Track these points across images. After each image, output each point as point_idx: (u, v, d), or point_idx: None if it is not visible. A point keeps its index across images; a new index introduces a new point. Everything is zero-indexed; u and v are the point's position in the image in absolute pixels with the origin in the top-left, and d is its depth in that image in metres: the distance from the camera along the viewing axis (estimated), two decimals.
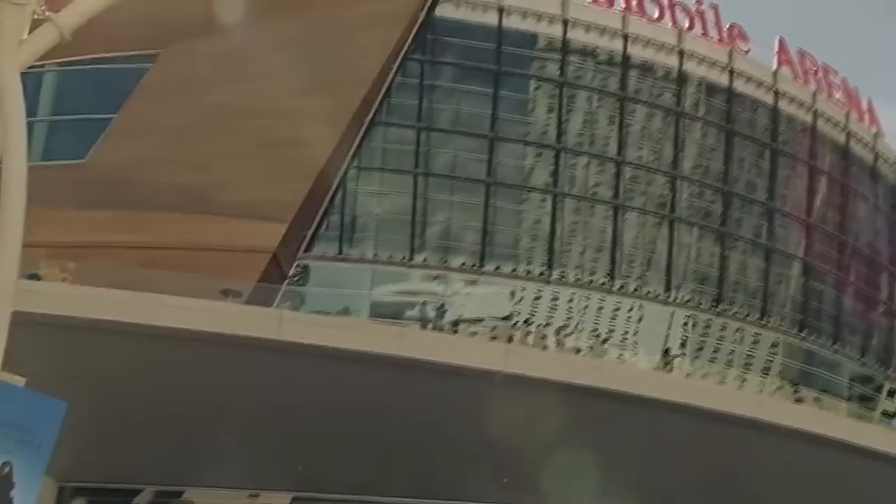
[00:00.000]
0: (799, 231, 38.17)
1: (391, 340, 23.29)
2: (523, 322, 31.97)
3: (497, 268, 32.96)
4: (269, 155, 29.13)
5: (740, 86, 36.93)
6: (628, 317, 33.46)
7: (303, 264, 31.55)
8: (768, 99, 37.71)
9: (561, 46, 34.59)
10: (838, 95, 39.72)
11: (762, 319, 35.81)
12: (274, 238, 29.33)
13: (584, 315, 32.97)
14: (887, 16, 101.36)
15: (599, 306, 33.28)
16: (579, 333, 32.23)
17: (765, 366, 35.57)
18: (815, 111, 38.73)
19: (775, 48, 38.21)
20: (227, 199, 28.08)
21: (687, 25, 36.37)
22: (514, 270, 33.08)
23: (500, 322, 30.93)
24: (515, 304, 32.51)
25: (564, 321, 32.58)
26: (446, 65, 34.25)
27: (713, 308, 34.92)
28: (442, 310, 31.22)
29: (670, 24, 36.19)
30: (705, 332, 34.75)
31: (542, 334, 30.21)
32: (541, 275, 33.18)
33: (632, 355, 31.59)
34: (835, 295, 38.50)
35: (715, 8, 37.24)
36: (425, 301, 31.61)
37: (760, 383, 34.78)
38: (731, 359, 34.91)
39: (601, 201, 34.43)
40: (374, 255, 32.46)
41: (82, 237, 26.68)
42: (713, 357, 34.56)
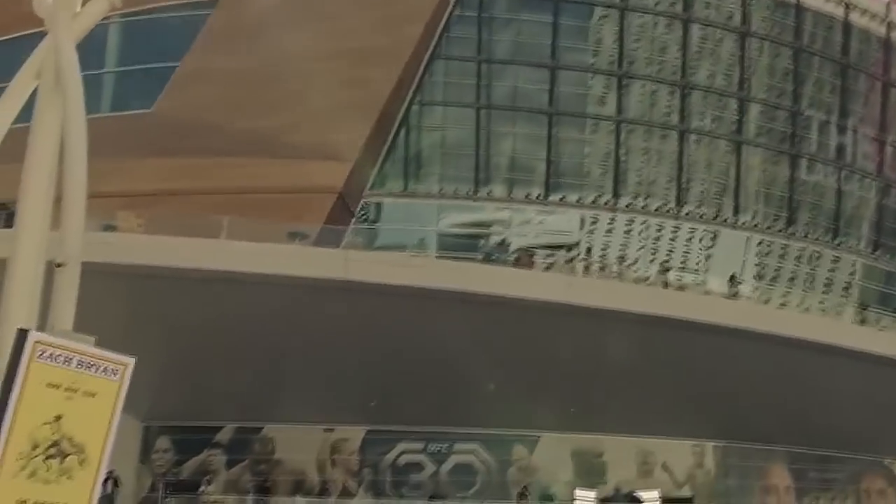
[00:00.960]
0: (873, 149, 37.28)
1: (455, 276, 23.60)
2: (588, 252, 32.01)
3: (562, 198, 32.90)
4: (332, 95, 29.39)
5: (807, 0, 35.93)
6: (696, 243, 33.26)
7: (369, 202, 31.93)
8: (839, 12, 36.63)
9: None
10: None
11: (835, 241, 35.29)
12: (339, 178, 29.74)
13: (651, 243, 32.88)
14: None
15: (666, 233, 33.12)
16: (646, 261, 32.19)
17: (839, 288, 35.14)
18: (889, 23, 37.54)
19: None
20: (292, 142, 28.47)
21: None
22: (579, 200, 33.00)
23: (566, 253, 30.99)
24: (581, 233, 32.52)
25: (630, 249, 32.55)
26: None
27: (785, 231, 34.49)
28: (507, 242, 31.38)
29: None
30: (776, 256, 34.38)
31: (607, 264, 30.18)
32: (606, 203, 33.07)
33: (700, 282, 31.42)
34: None
35: None
36: (490, 234, 31.80)
37: (833, 306, 34.41)
38: (803, 282, 34.54)
39: (667, 126, 34.03)
40: (440, 190, 32.64)
41: (153, 185, 27.40)
42: (784, 281, 34.23)
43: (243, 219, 25.15)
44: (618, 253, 32.15)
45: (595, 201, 33.07)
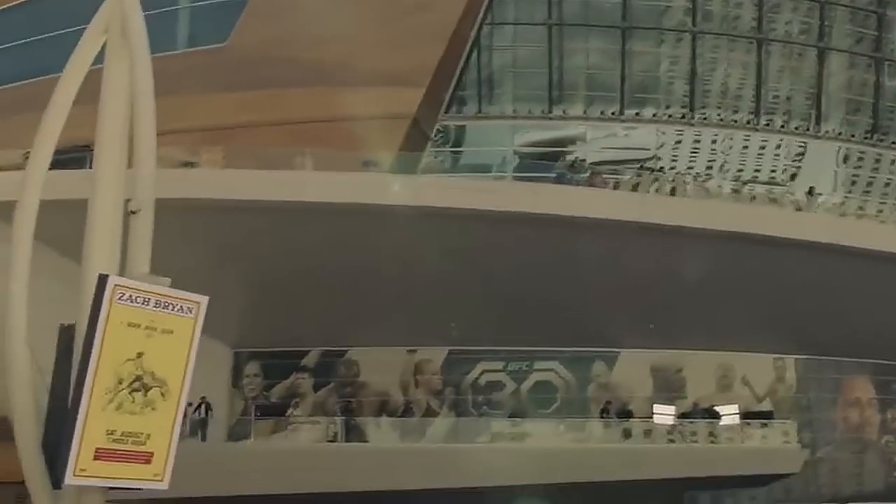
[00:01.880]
0: None
1: (527, 198, 23.76)
2: (664, 168, 31.74)
3: (637, 113, 32.61)
4: (403, 21, 29.45)
5: None
6: (774, 155, 32.71)
7: (443, 126, 32.09)
8: None
9: None
10: None
11: None
12: (413, 103, 29.94)
13: (729, 157, 32.44)
14: None
15: (744, 146, 32.63)
16: (723, 176, 31.81)
17: None
18: None
19: None
20: (365, 69, 28.66)
21: None
22: (654, 115, 32.66)
23: (641, 170, 30.76)
24: (657, 149, 32.24)
25: (708, 164, 32.19)
26: None
27: (867, 139, 33.65)
28: (582, 161, 31.28)
29: None
30: (860, 167, 33.61)
31: (682, 180, 29.90)
32: (683, 117, 32.66)
33: (779, 195, 30.92)
34: None
35: None
36: (565, 153, 31.71)
37: None
38: (885, 193, 33.75)
39: (742, 36, 33.24)
40: (514, 111, 32.59)
41: (229, 119, 27.99)
42: (867, 193, 33.49)
43: (319, 149, 25.65)
44: (695, 168, 31.83)
45: (672, 116, 32.69)
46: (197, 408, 26.34)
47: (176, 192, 21.42)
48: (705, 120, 32.61)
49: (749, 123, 32.77)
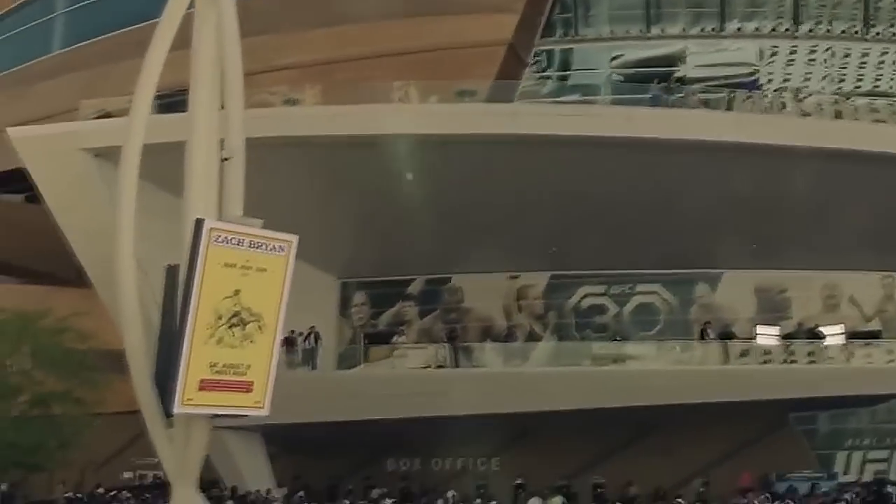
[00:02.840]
0: None
1: (621, 122, 23.63)
2: (766, 84, 30.97)
3: (739, 28, 31.80)
4: None
5: None
6: (879, 63, 31.50)
7: (540, 51, 31.92)
8: None
9: None
10: None
11: None
12: (508, 29, 29.84)
13: (830, 70, 31.41)
14: None
15: (846, 59, 31.47)
16: (824, 89, 30.84)
17: None
18: None
19: None
20: None
21: None
22: (757, 29, 31.80)
23: (741, 89, 29.97)
24: (760, 65, 31.44)
25: (805, 78, 31.23)
26: None
27: None
28: (683, 80, 30.72)
29: None
30: None
31: (780, 98, 29.08)
32: (786, 30, 31.72)
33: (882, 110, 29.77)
34: None
35: None
36: (665, 73, 31.15)
37: None
38: None
39: None
40: (611, 32, 32.16)
41: (326, 55, 28.47)
42: None
43: (415, 81, 25.94)
44: (797, 84, 30.96)
45: (774, 29, 31.79)
46: (307, 337, 27.26)
47: (280, 129, 22.18)
48: (810, 33, 31.64)
49: (857, 33, 31.67)
